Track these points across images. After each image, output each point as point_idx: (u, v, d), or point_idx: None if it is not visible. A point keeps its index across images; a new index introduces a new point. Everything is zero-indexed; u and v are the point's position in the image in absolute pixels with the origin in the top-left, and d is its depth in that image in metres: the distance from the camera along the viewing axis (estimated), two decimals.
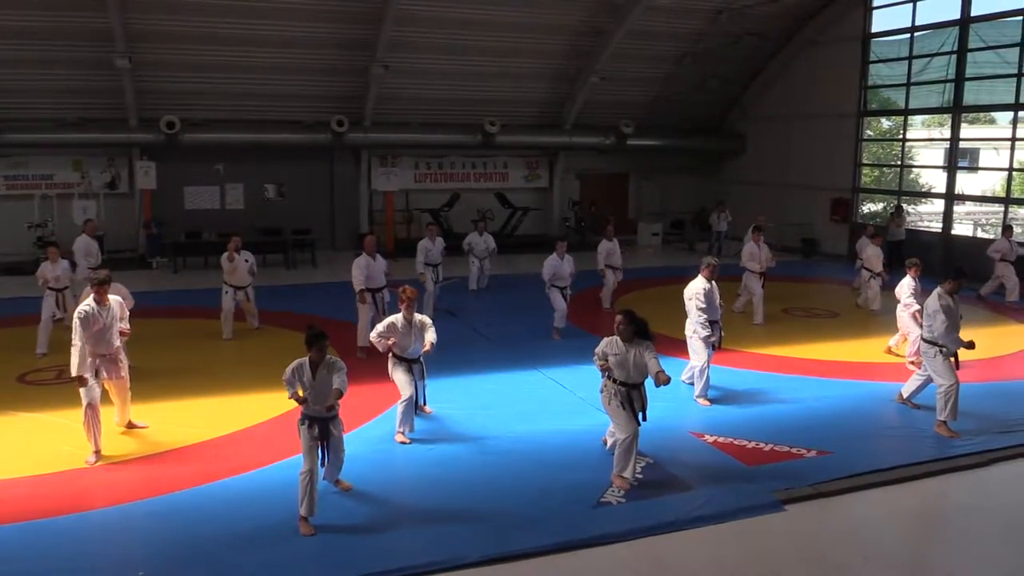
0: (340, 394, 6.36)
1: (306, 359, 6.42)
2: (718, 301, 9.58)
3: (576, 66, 21.04)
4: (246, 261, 12.23)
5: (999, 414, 8.95)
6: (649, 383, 7.05)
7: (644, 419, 7.15)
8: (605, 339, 7.21)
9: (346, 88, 19.88)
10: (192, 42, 17.68)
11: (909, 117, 20.74)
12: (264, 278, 14.40)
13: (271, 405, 8.76)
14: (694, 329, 9.37)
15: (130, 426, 8.23)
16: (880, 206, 24.36)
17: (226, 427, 8.39)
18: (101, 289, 7.73)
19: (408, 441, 7.95)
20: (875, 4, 20.39)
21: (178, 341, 12.04)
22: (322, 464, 6.54)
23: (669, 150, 24.57)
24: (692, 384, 9.51)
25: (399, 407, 7.98)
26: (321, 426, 6.41)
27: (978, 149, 26.61)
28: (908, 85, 19.77)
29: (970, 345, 8.36)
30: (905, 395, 9.26)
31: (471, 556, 5.83)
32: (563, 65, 21.01)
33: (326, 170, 21.90)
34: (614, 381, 7.10)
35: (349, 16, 17.84)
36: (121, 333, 8.01)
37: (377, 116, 20.71)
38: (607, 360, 7.10)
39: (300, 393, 6.37)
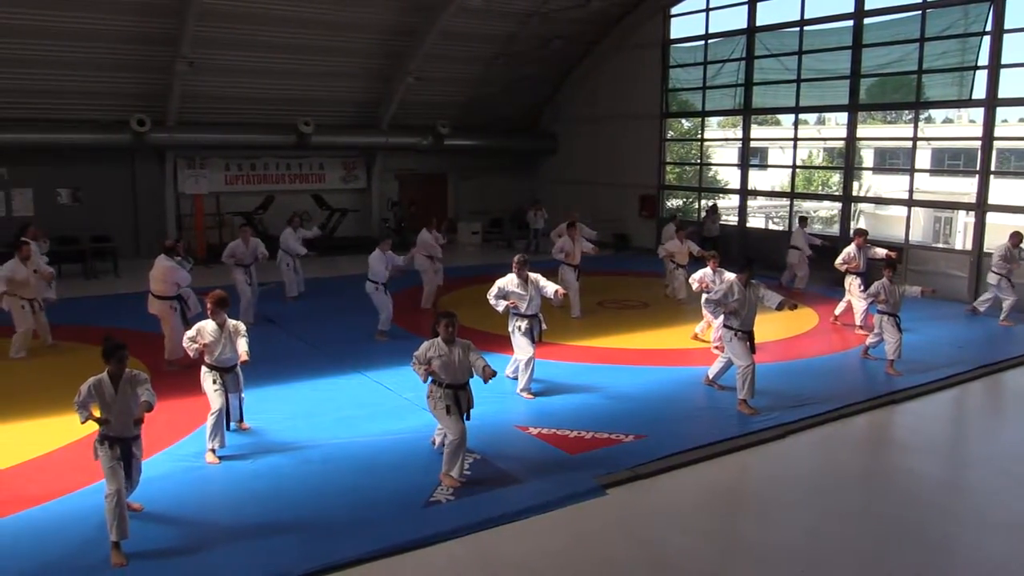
0: (149, 407, 5.95)
1: (104, 375, 5.95)
2: (548, 293, 9.63)
3: (391, 66, 20.89)
4: (35, 272, 11.32)
5: (792, 390, 9.82)
6: (477, 380, 7.14)
7: (469, 419, 7.20)
8: (425, 343, 7.16)
9: (148, 85, 18.66)
10: None
11: (706, 118, 22.22)
12: (61, 290, 13.35)
13: (71, 427, 8.08)
14: (516, 324, 9.59)
15: None
16: (681, 201, 25.92)
17: (23, 454, 7.70)
18: None
19: (217, 460, 7.52)
20: (673, 12, 21.67)
21: None
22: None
23: (486, 150, 24.93)
24: (516, 378, 9.73)
25: (208, 420, 7.59)
26: (123, 446, 5.95)
27: (767, 148, 28.82)
28: (704, 89, 21.16)
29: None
30: (711, 377, 9.94)
31: (298, 570, 5.65)
32: (378, 64, 20.80)
33: (127, 173, 20.50)
34: (440, 385, 7.10)
35: (150, 9, 16.75)
36: None
37: (183, 115, 19.61)
38: (431, 364, 7.08)
39: (97, 414, 5.91)
